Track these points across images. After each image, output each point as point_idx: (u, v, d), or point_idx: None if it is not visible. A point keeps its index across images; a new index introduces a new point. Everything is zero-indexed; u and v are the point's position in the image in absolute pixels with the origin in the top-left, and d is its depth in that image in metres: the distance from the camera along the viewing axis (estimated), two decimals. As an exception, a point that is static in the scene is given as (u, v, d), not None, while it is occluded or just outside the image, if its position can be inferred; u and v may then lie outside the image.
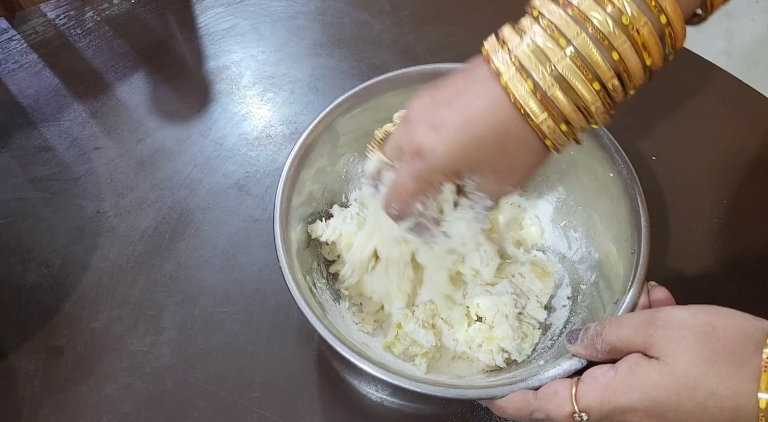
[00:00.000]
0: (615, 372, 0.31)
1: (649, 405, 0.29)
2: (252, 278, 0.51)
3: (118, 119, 0.61)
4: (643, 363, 0.31)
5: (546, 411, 0.33)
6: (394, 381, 0.36)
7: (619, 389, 0.31)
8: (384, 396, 0.46)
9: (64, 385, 0.46)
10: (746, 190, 0.56)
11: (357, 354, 0.36)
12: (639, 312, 0.37)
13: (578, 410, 0.32)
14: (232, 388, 0.46)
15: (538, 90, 0.33)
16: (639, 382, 0.30)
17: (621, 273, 0.41)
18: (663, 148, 0.58)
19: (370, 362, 0.36)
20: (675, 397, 0.29)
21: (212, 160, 0.58)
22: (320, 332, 0.37)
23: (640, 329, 0.31)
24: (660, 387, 0.29)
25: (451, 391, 0.36)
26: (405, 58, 0.49)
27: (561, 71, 0.32)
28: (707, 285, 0.51)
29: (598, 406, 0.31)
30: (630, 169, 0.43)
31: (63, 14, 0.68)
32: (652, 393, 0.29)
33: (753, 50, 1.53)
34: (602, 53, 0.32)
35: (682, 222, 0.54)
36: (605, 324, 0.33)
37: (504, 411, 0.35)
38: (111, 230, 0.54)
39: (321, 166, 0.47)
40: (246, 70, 0.64)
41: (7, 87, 0.62)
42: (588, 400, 0.31)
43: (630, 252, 0.41)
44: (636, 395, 0.30)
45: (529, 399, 0.34)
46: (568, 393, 0.32)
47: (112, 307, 0.50)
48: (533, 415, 0.34)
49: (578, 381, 0.32)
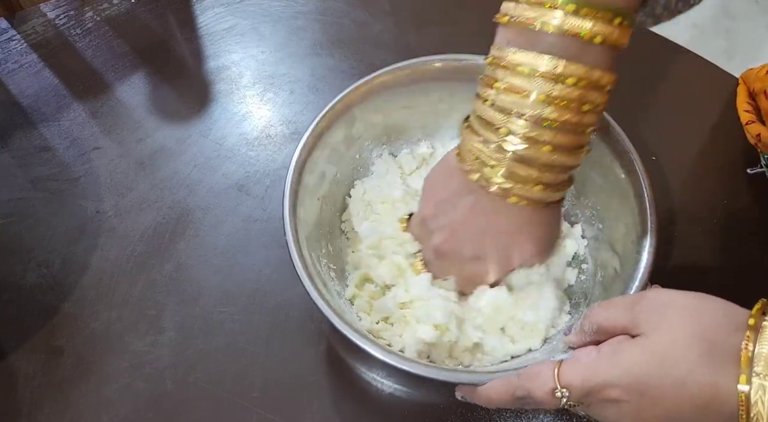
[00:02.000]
0: (598, 352, 0.32)
1: (629, 381, 0.30)
2: (252, 278, 0.51)
3: (118, 119, 0.61)
4: (626, 343, 0.31)
5: (528, 389, 0.33)
6: (390, 360, 0.37)
7: (600, 367, 0.31)
8: (385, 396, 0.46)
9: (64, 385, 0.46)
10: (746, 190, 0.56)
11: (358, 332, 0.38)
12: (627, 295, 0.38)
13: (560, 386, 0.32)
14: (232, 388, 0.46)
15: (504, 171, 0.37)
16: (620, 359, 0.30)
17: (624, 275, 0.41)
18: (663, 147, 0.58)
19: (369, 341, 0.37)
20: (655, 372, 0.29)
21: (212, 160, 0.58)
22: (322, 309, 0.38)
23: (626, 308, 0.32)
24: (641, 363, 0.30)
25: (429, 370, 0.36)
26: (405, 58, 0.49)
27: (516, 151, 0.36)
28: (707, 285, 0.51)
29: (580, 383, 0.31)
30: (642, 172, 0.43)
31: (63, 14, 0.68)
32: (633, 369, 0.30)
33: (753, 50, 1.53)
34: (546, 130, 0.36)
35: (682, 222, 0.54)
36: (594, 306, 0.34)
37: (487, 395, 0.36)
38: (111, 230, 0.54)
39: (335, 146, 0.48)
40: (246, 70, 0.64)
41: (7, 87, 0.62)
42: (569, 377, 0.32)
43: (635, 252, 0.41)
44: (617, 371, 0.30)
45: (511, 380, 0.35)
46: (551, 372, 0.33)
47: (112, 307, 0.50)
48: (515, 393, 0.34)
49: (561, 362, 0.33)
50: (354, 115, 0.48)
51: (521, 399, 0.34)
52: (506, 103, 0.36)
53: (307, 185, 0.45)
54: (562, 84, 0.34)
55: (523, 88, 0.35)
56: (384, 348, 0.37)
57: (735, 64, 1.54)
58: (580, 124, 0.36)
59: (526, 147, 0.36)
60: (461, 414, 0.45)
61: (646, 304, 0.31)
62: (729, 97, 0.62)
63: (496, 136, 0.37)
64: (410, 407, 0.45)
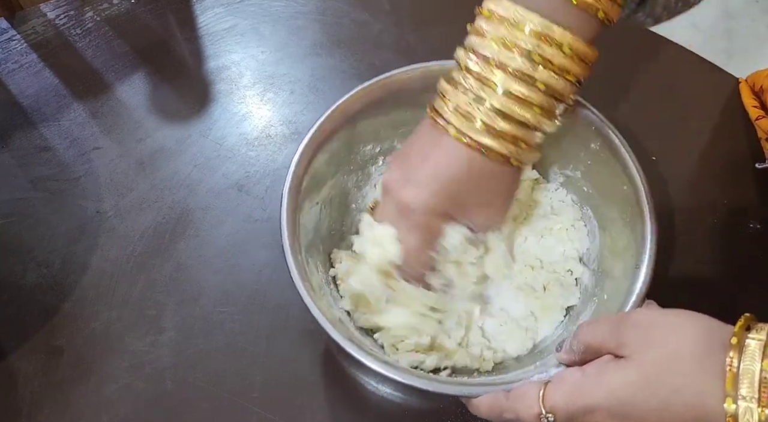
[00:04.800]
0: (582, 373, 0.32)
1: (613, 404, 0.30)
2: (252, 278, 0.51)
3: (118, 119, 0.61)
4: (611, 364, 0.31)
5: (515, 411, 0.34)
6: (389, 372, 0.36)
7: (584, 389, 0.31)
8: (384, 395, 0.46)
9: (64, 385, 0.46)
10: (746, 190, 0.56)
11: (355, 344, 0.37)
12: (614, 314, 0.38)
13: (545, 411, 0.32)
14: (232, 388, 0.46)
15: (486, 126, 0.37)
16: (604, 381, 0.30)
17: (622, 288, 0.41)
18: (663, 148, 0.58)
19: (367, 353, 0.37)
20: (639, 394, 0.29)
21: (212, 160, 0.58)
22: (317, 318, 0.38)
23: (612, 328, 0.32)
24: (625, 385, 0.29)
25: (425, 382, 0.37)
26: (405, 58, 0.49)
27: (499, 107, 0.37)
28: (707, 285, 0.51)
29: (564, 406, 0.31)
30: (644, 183, 0.43)
31: (63, 14, 0.68)
32: (617, 392, 0.30)
33: (753, 50, 1.53)
34: (528, 87, 0.36)
35: (682, 222, 0.54)
36: (582, 326, 0.34)
37: (478, 409, 0.36)
38: (111, 230, 0.54)
39: (336, 151, 0.47)
40: (246, 70, 0.64)
41: (7, 87, 0.62)
42: (554, 400, 0.32)
43: (633, 266, 0.41)
44: (601, 394, 0.30)
45: (500, 399, 0.35)
46: (536, 394, 0.33)
47: (112, 307, 0.50)
48: (504, 415, 0.34)
49: (547, 383, 0.33)
50: (355, 118, 0.48)
51: (510, 421, 0.35)
52: (490, 53, 0.37)
53: (306, 189, 0.44)
54: (547, 44, 0.35)
55: (508, 41, 0.36)
56: (378, 357, 0.37)
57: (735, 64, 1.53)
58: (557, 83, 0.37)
59: (504, 99, 0.37)
60: (460, 415, 0.45)
61: (631, 324, 0.31)
62: (729, 97, 0.62)
63: (476, 87, 0.37)
64: (409, 407, 0.45)
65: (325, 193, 0.48)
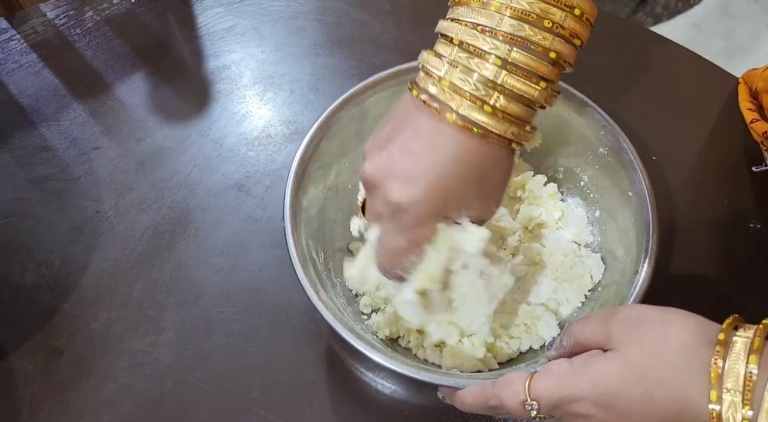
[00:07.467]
0: (569, 364, 0.32)
1: (597, 393, 0.30)
2: (252, 278, 0.51)
3: (117, 119, 0.61)
4: (597, 356, 0.31)
5: (500, 398, 0.34)
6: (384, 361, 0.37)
7: (570, 379, 0.31)
8: (385, 396, 0.46)
9: (64, 385, 0.46)
10: (746, 190, 0.56)
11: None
12: (603, 310, 0.38)
13: (529, 398, 0.32)
14: (232, 388, 0.46)
15: (483, 103, 0.33)
16: (590, 371, 0.31)
17: (620, 293, 0.41)
18: (663, 147, 0.58)
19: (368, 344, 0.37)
20: (624, 385, 0.29)
21: (212, 160, 0.58)
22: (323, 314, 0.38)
23: (601, 323, 0.32)
24: (610, 375, 0.30)
25: (413, 371, 0.37)
26: (405, 58, 0.48)
27: (497, 80, 0.33)
28: (706, 285, 0.51)
29: (549, 395, 0.32)
30: (649, 192, 0.43)
31: (63, 14, 0.68)
32: (602, 381, 0.30)
33: (753, 50, 1.53)
34: (530, 55, 0.33)
35: (682, 222, 0.54)
36: (572, 323, 0.35)
37: (462, 400, 0.36)
38: (111, 230, 0.54)
39: (336, 149, 0.47)
40: (246, 70, 0.64)
41: (7, 87, 0.62)
42: (540, 389, 0.32)
43: (632, 272, 0.41)
44: (585, 384, 0.30)
45: (486, 387, 0.35)
46: (522, 383, 0.33)
47: (112, 307, 0.50)
48: (488, 402, 0.35)
49: (534, 372, 0.33)
50: (356, 116, 0.48)
51: (494, 408, 0.35)
52: (479, 20, 0.33)
53: (308, 187, 0.45)
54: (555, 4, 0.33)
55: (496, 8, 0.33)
56: (384, 351, 0.37)
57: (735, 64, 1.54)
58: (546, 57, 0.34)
59: (495, 68, 0.33)
60: (460, 415, 0.45)
61: (620, 319, 0.31)
62: (729, 97, 0.62)
63: (465, 57, 0.33)
64: (410, 407, 0.45)
65: (332, 180, 0.48)
